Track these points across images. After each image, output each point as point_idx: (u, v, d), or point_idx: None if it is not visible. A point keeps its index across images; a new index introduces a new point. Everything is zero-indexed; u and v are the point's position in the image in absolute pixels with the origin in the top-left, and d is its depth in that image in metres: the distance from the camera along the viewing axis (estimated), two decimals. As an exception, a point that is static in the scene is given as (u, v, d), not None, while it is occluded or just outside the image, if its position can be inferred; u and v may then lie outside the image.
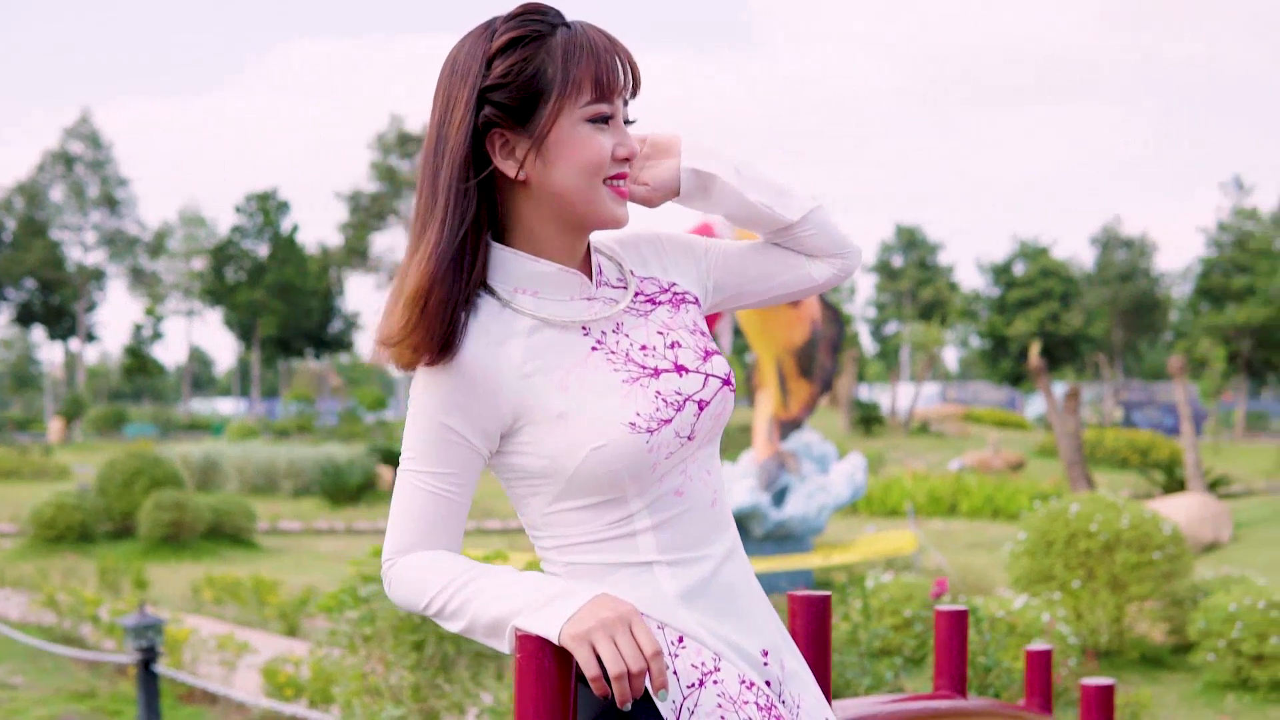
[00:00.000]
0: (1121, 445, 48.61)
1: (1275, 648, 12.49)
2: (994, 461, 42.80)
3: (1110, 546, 13.70)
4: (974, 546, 24.71)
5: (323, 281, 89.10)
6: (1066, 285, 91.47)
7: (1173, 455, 45.86)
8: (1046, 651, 4.15)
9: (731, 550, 2.74)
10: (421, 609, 2.57)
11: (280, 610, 16.11)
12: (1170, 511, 22.05)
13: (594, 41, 2.62)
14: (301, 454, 36.10)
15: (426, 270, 2.55)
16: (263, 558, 24.25)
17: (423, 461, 2.61)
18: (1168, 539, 13.80)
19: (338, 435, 50.68)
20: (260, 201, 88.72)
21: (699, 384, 2.68)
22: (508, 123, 2.59)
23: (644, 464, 2.56)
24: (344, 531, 29.06)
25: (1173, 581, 13.86)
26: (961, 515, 31.34)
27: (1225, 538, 23.20)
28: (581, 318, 2.67)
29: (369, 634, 8.89)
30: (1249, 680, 12.72)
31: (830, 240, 2.97)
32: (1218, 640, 12.79)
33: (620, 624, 2.36)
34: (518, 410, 2.58)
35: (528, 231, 2.67)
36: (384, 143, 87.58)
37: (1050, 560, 13.87)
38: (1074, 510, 14.00)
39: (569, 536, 2.64)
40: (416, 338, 2.53)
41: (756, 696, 2.61)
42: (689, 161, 2.83)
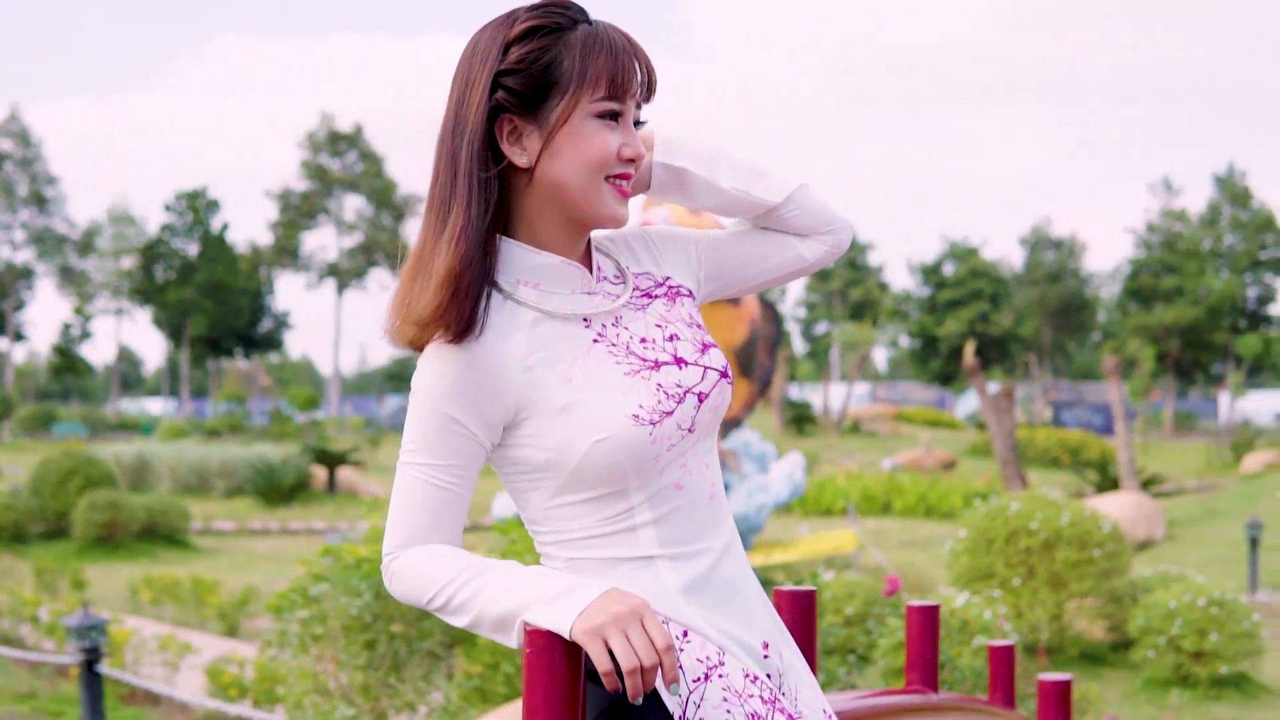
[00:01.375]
0: (1053, 444, 48.93)
1: (1215, 644, 12.59)
2: (926, 461, 42.99)
3: (1050, 544, 13.78)
4: (909, 545, 24.81)
5: (253, 280, 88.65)
6: (996, 286, 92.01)
7: (1103, 454, 46.18)
8: (1009, 647, 4.18)
9: (730, 544, 2.74)
10: (425, 603, 2.55)
11: (220, 610, 16.03)
12: (1105, 510, 22.17)
13: (613, 40, 2.63)
14: (234, 454, 35.91)
15: (458, 251, 2.55)
16: (198, 558, 24.13)
17: (424, 453, 2.59)
18: (1107, 537, 13.90)
19: (269, 435, 50.43)
20: (190, 200, 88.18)
21: (698, 376, 2.68)
22: (518, 109, 2.60)
23: (647, 456, 2.56)
24: (278, 532, 28.94)
25: (1112, 579, 13.95)
26: (895, 514, 31.45)
27: (1159, 536, 23.38)
28: (583, 310, 2.67)
29: (320, 634, 8.86)
30: (1189, 677, 12.82)
31: (817, 218, 2.97)
32: (1158, 637, 12.88)
33: (633, 618, 2.35)
34: (521, 402, 2.57)
35: (530, 224, 2.67)
36: (314, 141, 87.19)
37: (991, 558, 13.95)
38: (1014, 509, 14.08)
39: (570, 531, 2.63)
40: (449, 317, 2.53)
41: (760, 689, 2.62)
42: (660, 156, 2.84)
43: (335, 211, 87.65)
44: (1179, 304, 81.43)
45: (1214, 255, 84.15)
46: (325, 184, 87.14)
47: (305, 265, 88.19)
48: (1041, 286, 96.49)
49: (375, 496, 34.63)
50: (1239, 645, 12.65)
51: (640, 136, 2.81)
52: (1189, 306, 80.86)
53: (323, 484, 35.09)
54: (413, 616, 9.07)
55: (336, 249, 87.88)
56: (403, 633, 8.97)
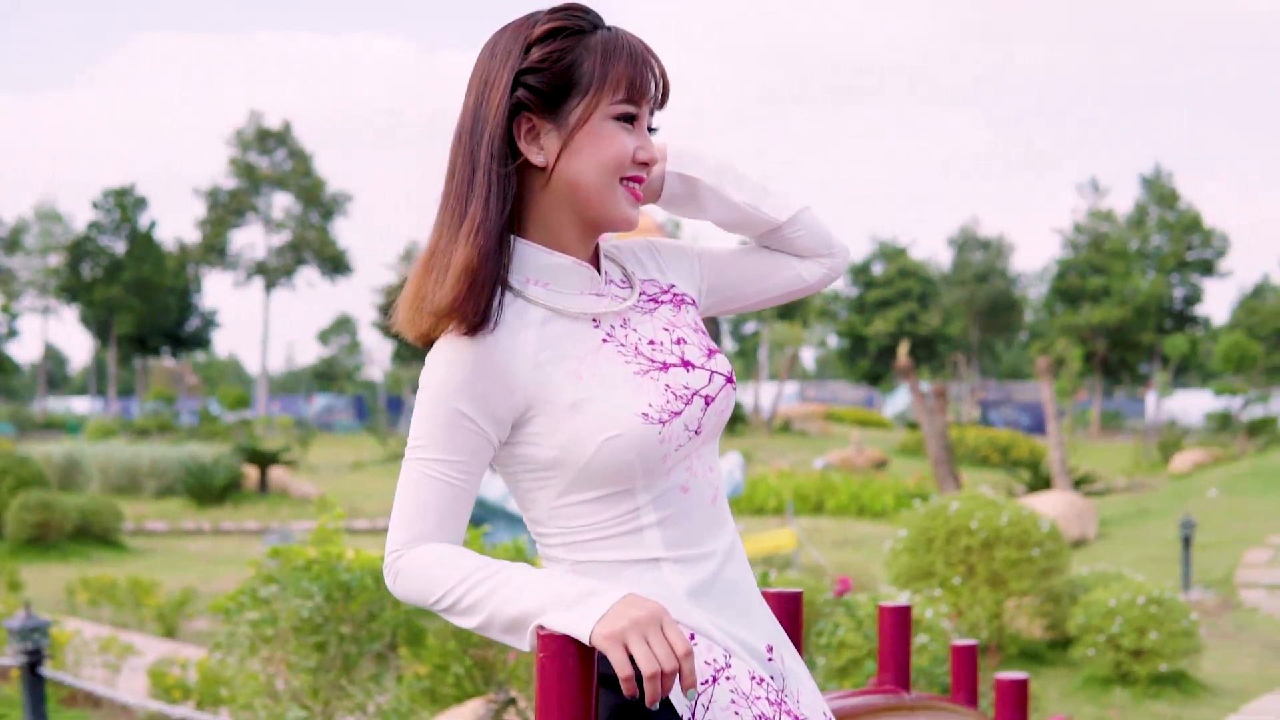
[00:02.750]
0: (982, 444, 49.19)
1: (1154, 643, 12.69)
2: (857, 460, 43.14)
3: (990, 544, 13.85)
4: (843, 544, 24.89)
5: (180, 279, 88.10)
6: (924, 286, 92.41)
7: (1032, 453, 46.45)
8: (972, 646, 4.23)
9: (732, 548, 2.78)
10: (431, 603, 2.56)
11: (158, 612, 15.93)
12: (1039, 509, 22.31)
13: (633, 46, 2.69)
14: (164, 454, 35.69)
15: (478, 244, 2.58)
16: (131, 558, 23.97)
17: (433, 449, 2.60)
18: (1046, 536, 13.98)
19: (198, 435, 50.14)
20: (117, 197, 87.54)
21: (705, 379, 2.71)
22: (538, 107, 2.64)
23: (655, 455, 2.58)
24: (211, 532, 28.79)
25: (1051, 578, 14.03)
26: (828, 513, 31.53)
27: (1091, 534, 23.55)
28: (592, 310, 2.70)
29: (270, 635, 8.82)
30: (1129, 675, 12.91)
31: (819, 240, 3.02)
32: (1097, 635, 12.97)
33: (653, 623, 2.36)
34: (531, 399, 2.60)
35: (542, 223, 2.70)
36: (243, 139, 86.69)
37: (931, 557, 14.00)
38: (954, 508, 14.15)
39: (576, 531, 2.65)
40: (467, 309, 2.55)
41: (766, 691, 2.64)
42: (673, 166, 2.89)
43: (263, 209, 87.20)
44: (1106, 304, 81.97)
45: (1141, 256, 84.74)
46: (253, 182, 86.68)
47: (233, 263, 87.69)
48: (969, 286, 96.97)
49: (306, 496, 34.54)
50: (1178, 643, 12.75)
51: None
52: (1116, 307, 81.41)
53: (254, 484, 34.91)
54: (362, 618, 9.04)
55: (264, 247, 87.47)
56: (352, 634, 8.94)
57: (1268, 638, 15.65)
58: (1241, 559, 20.14)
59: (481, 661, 8.61)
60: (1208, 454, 42.68)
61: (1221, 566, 19.73)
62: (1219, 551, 20.70)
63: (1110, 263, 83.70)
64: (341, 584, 8.87)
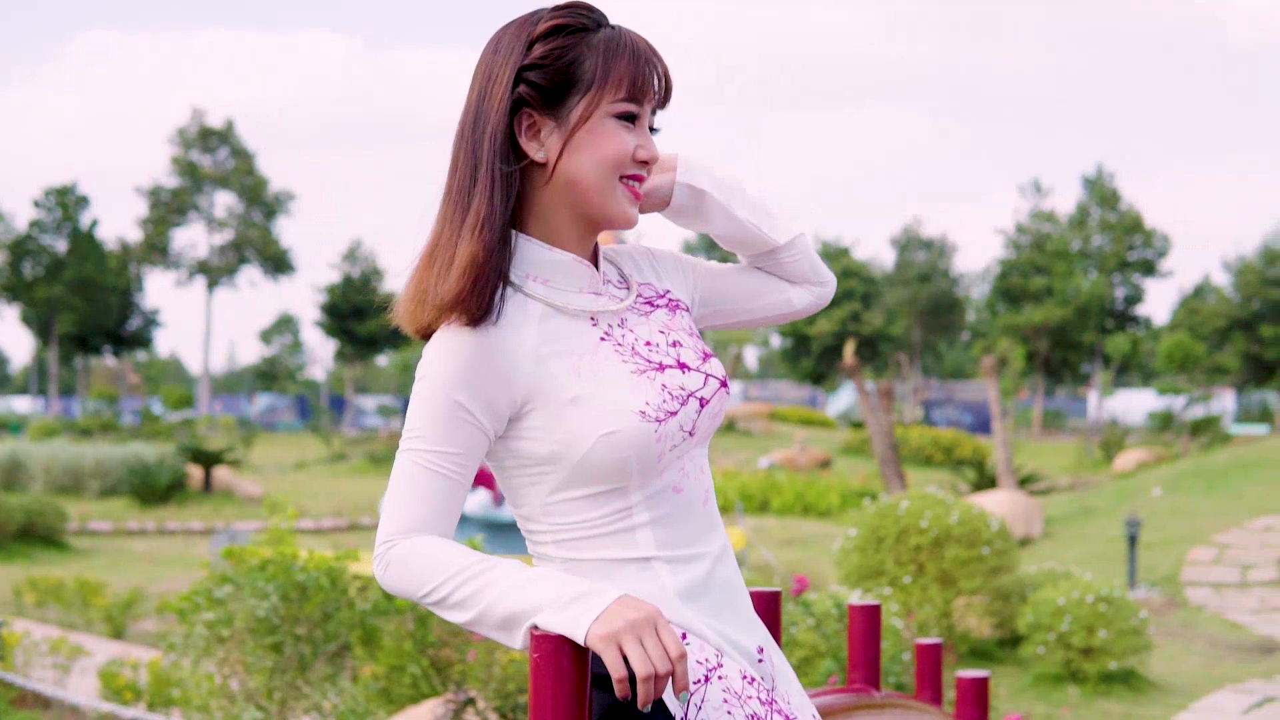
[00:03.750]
0: (926, 443, 49.30)
1: (1103, 640, 12.76)
2: (801, 459, 43.17)
3: (940, 542, 13.90)
4: (789, 543, 24.93)
5: (122, 278, 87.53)
6: (867, 285, 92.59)
7: (976, 453, 46.62)
8: (937, 645, 4.25)
9: (724, 550, 2.79)
10: (420, 596, 2.55)
11: (106, 612, 15.85)
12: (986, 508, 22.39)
13: (635, 44, 2.70)
14: (108, 453, 35.44)
15: (482, 239, 2.59)
16: (76, 559, 23.82)
17: (430, 440, 2.60)
18: (995, 535, 14.05)
19: (141, 434, 49.86)
20: (59, 196, 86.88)
21: (700, 382, 2.73)
22: (539, 104, 2.65)
23: (651, 454, 2.59)
24: (155, 532, 28.60)
25: (1000, 576, 14.09)
26: (773, 512, 31.57)
27: (1037, 533, 23.63)
28: (590, 308, 2.71)
29: (226, 636, 8.79)
30: (1078, 673, 12.99)
31: (811, 267, 3.07)
32: (1047, 634, 13.04)
33: (648, 625, 2.37)
34: (530, 392, 2.60)
35: (542, 220, 2.71)
36: (185, 137, 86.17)
37: (881, 556, 14.05)
38: (904, 507, 14.20)
39: (568, 529, 2.65)
40: (471, 303, 2.56)
41: (758, 691, 2.66)
42: (683, 176, 2.91)
43: (205, 208, 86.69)
44: (1048, 304, 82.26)
45: (1082, 256, 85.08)
46: (195, 180, 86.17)
47: (175, 262, 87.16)
48: (912, 286, 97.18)
49: (251, 496, 34.40)
50: (1127, 642, 12.83)
51: (664, 159, 2.88)
52: (1058, 307, 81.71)
53: (198, 484, 34.73)
54: (317, 618, 9.02)
55: (207, 246, 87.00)
56: (307, 635, 8.92)
57: (1214, 636, 15.76)
58: (1186, 557, 20.24)
59: (437, 661, 8.61)
60: (1151, 453, 42.85)
61: (1166, 565, 19.83)
62: (1164, 550, 20.81)
63: (1052, 263, 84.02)
64: (297, 584, 8.85)
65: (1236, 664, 14.28)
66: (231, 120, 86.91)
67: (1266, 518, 22.38)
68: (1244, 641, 15.40)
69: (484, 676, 8.07)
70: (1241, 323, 75.18)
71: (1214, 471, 28.38)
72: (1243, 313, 75.14)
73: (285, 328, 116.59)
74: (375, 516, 29.92)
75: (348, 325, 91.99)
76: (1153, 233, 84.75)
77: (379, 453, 48.34)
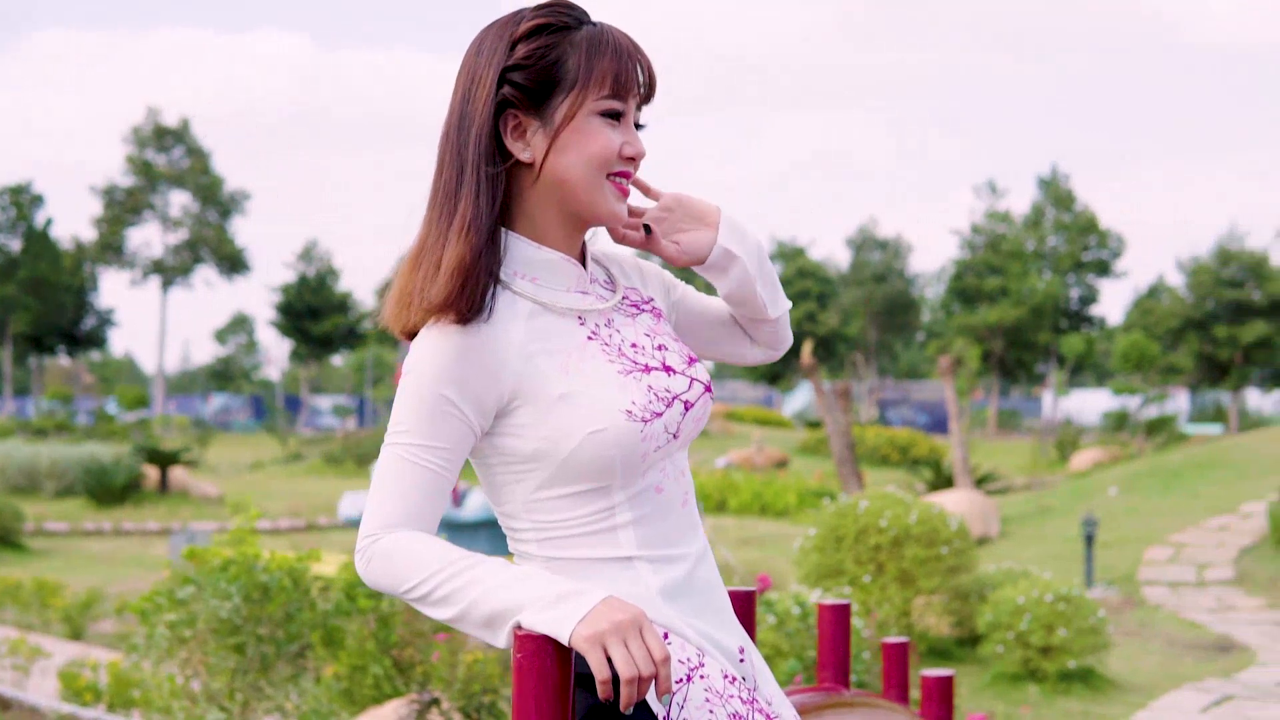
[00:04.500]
0: (882, 443, 49.41)
1: (1062, 639, 12.81)
2: (757, 459, 43.22)
3: (900, 542, 13.94)
4: (746, 542, 24.94)
5: (77, 277, 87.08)
6: (823, 285, 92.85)
7: (932, 452, 46.74)
8: (904, 644, 4.26)
9: (704, 551, 2.80)
10: (403, 591, 2.55)
11: (64, 613, 15.77)
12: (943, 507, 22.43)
13: (618, 41, 2.70)
14: (64, 453, 35.24)
15: (470, 241, 2.60)
16: (33, 560, 23.70)
17: (416, 434, 2.60)
18: (954, 534, 14.10)
19: (96, 435, 49.62)
20: (13, 195, 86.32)
21: (685, 385, 2.74)
22: (524, 104, 2.66)
23: (636, 453, 2.60)
24: (112, 533, 28.48)
25: (959, 575, 14.14)
26: (731, 512, 31.58)
27: (994, 533, 23.71)
28: (578, 307, 2.72)
29: (188, 637, 8.77)
30: (1037, 671, 13.04)
31: (781, 336, 3.12)
32: (1006, 632, 13.09)
33: (632, 627, 2.38)
34: (517, 389, 2.61)
35: (530, 219, 2.72)
36: (140, 136, 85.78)
37: (841, 555, 14.08)
38: (863, 506, 14.24)
39: (550, 527, 2.66)
40: (462, 305, 2.56)
41: (739, 691, 2.67)
42: (725, 239, 2.93)
43: (161, 208, 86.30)
44: (1003, 304, 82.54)
45: (1037, 256, 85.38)
46: (151, 179, 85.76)
47: (130, 262, 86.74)
48: (867, 286, 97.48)
49: (207, 496, 34.29)
50: (1086, 640, 12.88)
51: (703, 211, 2.94)
52: (1012, 307, 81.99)
53: (154, 484, 34.56)
54: (279, 618, 9.00)
55: (162, 245, 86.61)
56: (270, 635, 8.90)
57: (1171, 635, 15.83)
58: (1143, 557, 20.35)
59: (400, 662, 8.60)
60: (1106, 453, 43.02)
61: (1123, 564, 19.93)
62: (1120, 549, 20.91)
63: (1007, 263, 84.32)
64: (260, 585, 8.84)
65: (1194, 662, 14.36)
66: (187, 119, 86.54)
67: (1222, 517, 22.52)
68: (1201, 640, 15.48)
69: (448, 677, 8.06)
70: (1195, 323, 75.43)
71: (1169, 471, 28.53)
72: (1197, 313, 75.39)
73: (240, 327, 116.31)
74: (332, 516, 29.83)
75: (303, 325, 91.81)
76: (1107, 233, 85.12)
77: (335, 453, 48.19)
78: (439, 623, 8.62)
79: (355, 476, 42.65)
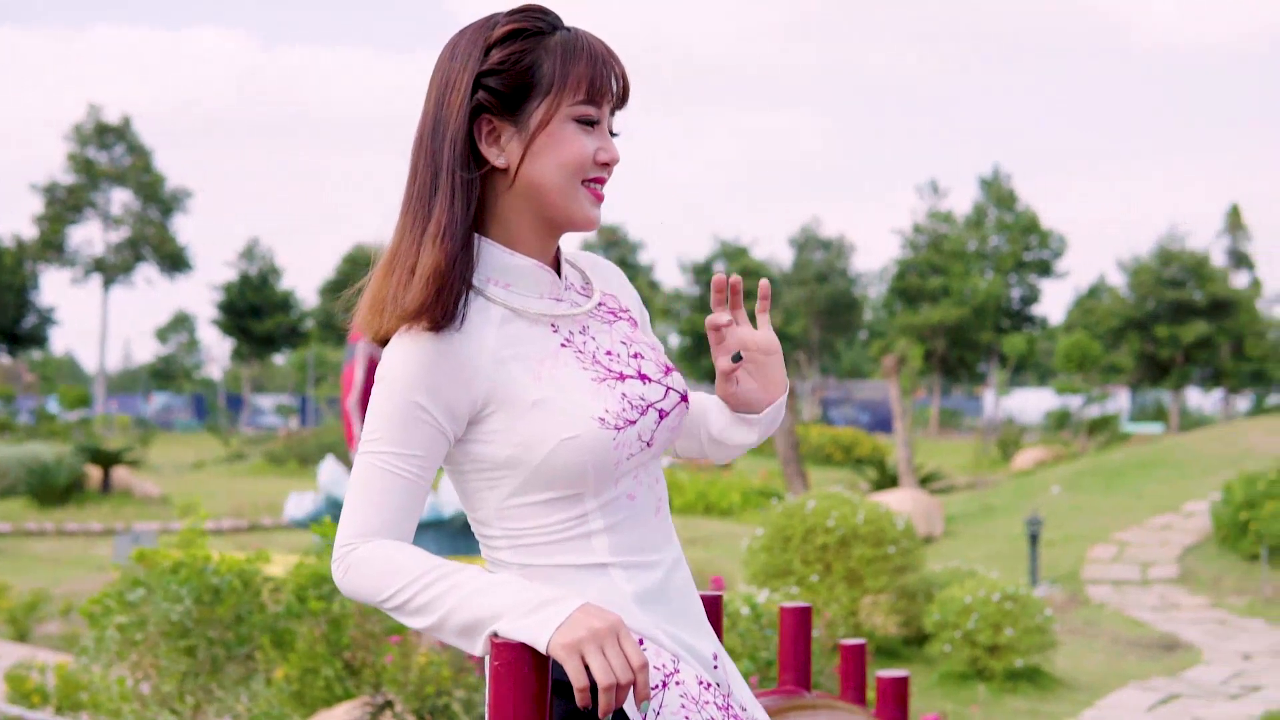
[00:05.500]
0: (825, 442, 49.52)
1: (1009, 639, 12.87)
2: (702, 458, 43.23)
3: (847, 541, 13.98)
4: (692, 542, 24.93)
5: (18, 276, 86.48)
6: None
7: (875, 451, 46.87)
8: (860, 645, 4.27)
9: (678, 558, 2.81)
10: (380, 601, 2.54)
11: (9, 615, 15.67)
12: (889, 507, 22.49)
13: (592, 46, 2.70)
14: (5, 453, 34.99)
15: (444, 248, 2.59)
16: (-26, 560, 23.56)
17: (389, 442, 2.59)
18: (901, 534, 14.15)
19: (37, 434, 49.31)
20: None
21: (661, 394, 2.74)
22: (498, 109, 2.65)
23: (608, 461, 2.60)
24: (54, 533, 28.28)
25: (905, 575, 14.19)
26: (676, 512, 31.58)
27: (938, 532, 23.80)
28: (551, 313, 2.71)
29: (140, 640, 8.72)
30: (985, 670, 13.09)
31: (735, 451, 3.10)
32: (953, 632, 13.14)
33: (610, 635, 2.38)
34: (490, 395, 2.60)
35: (504, 224, 2.71)
36: (81, 134, 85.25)
37: (788, 555, 14.11)
38: (811, 506, 14.27)
39: (523, 534, 2.65)
40: (436, 312, 2.56)
41: (714, 697, 2.67)
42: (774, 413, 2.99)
43: (102, 206, 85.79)
44: (945, 304, 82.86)
45: (979, 256, 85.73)
46: (92, 177, 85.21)
47: (71, 260, 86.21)
48: (810, 286, 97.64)
49: (150, 496, 34.10)
50: (1033, 639, 12.95)
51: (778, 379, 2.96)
52: (954, 306, 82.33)
53: (97, 484, 34.34)
54: (230, 621, 8.97)
55: (103, 244, 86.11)
56: (220, 638, 8.87)
57: (1116, 633, 15.94)
58: (1087, 555, 20.47)
59: (351, 664, 8.58)
60: (1049, 452, 43.22)
61: (1067, 563, 20.05)
62: (1064, 548, 21.03)
63: (949, 263, 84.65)
64: (210, 587, 8.80)
65: (1139, 661, 14.46)
66: (128, 117, 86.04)
67: (1165, 516, 22.66)
68: (1145, 638, 15.58)
69: (401, 679, 8.05)
70: (1136, 322, 75.91)
71: (1112, 470, 28.69)
72: (1137, 313, 75.86)
73: (181, 326, 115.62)
74: (276, 516, 29.72)
75: (245, 323, 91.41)
76: (1049, 233, 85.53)
77: (278, 452, 48.00)
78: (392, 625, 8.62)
79: (298, 476, 42.50)
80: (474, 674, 8.17)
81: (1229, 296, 75.43)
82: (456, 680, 8.07)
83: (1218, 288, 75.08)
